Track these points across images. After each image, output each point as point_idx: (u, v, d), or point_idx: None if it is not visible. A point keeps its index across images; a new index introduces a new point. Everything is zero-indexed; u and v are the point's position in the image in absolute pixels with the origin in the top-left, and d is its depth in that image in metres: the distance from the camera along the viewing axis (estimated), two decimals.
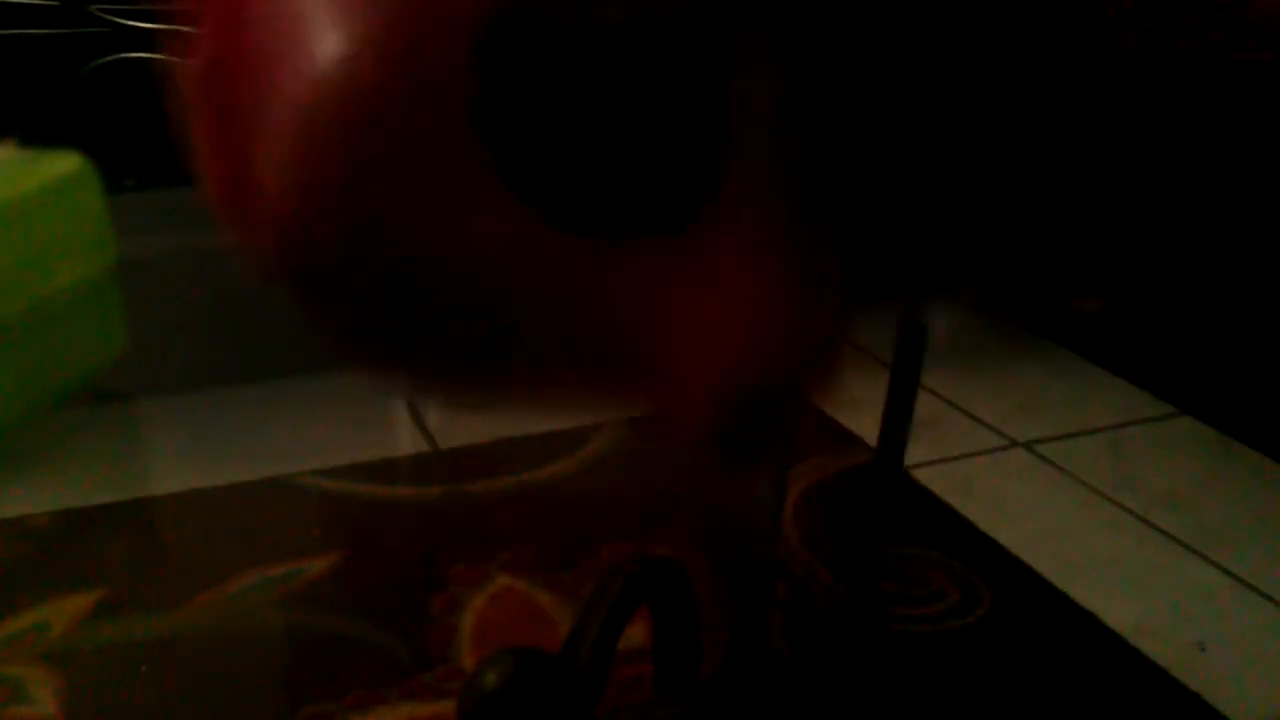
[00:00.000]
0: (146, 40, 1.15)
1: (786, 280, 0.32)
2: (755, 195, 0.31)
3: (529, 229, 0.30)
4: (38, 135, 1.07)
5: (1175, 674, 0.85)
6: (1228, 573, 1.00)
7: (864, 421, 1.21)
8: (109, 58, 1.18)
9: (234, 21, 0.32)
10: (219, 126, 0.33)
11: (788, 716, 0.77)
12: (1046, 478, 1.16)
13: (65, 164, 1.06)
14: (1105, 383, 1.36)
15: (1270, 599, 0.96)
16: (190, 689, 0.78)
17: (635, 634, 0.81)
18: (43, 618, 0.84)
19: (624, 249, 0.31)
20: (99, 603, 0.86)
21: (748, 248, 0.31)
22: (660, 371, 0.32)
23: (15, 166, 1.05)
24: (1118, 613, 0.92)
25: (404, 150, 0.29)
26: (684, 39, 0.29)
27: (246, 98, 0.31)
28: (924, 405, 1.28)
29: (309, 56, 0.29)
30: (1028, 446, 1.21)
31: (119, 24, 1.16)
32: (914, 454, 1.16)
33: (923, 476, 1.13)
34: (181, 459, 1.08)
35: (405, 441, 1.14)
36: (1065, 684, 0.84)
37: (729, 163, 0.30)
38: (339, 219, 0.30)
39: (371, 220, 0.30)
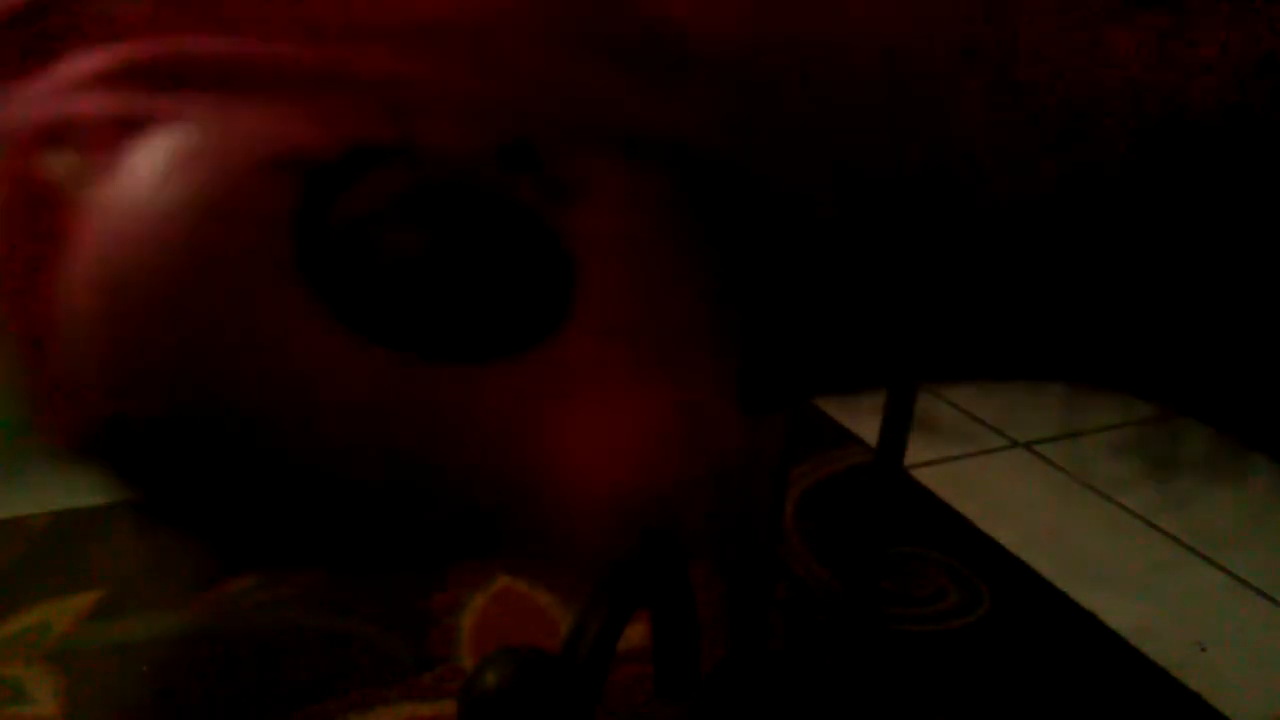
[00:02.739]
0: None
1: (666, 389, 0.33)
2: (611, 311, 0.32)
3: (360, 355, 0.29)
4: None
5: (1175, 674, 0.85)
6: (1228, 573, 1.00)
7: (864, 421, 1.21)
8: None
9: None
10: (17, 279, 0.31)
11: (788, 716, 0.77)
12: (1046, 478, 1.16)
13: None
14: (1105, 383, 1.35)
15: (1270, 599, 0.96)
16: (190, 689, 0.78)
17: (635, 634, 0.81)
18: (43, 618, 0.84)
19: (466, 370, 0.31)
20: (99, 603, 0.86)
21: (612, 359, 0.32)
22: (548, 486, 0.32)
23: None
24: (1118, 613, 0.92)
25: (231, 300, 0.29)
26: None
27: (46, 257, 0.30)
28: (924, 405, 1.28)
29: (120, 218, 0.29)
30: (1028, 446, 1.21)
31: None
32: (914, 454, 1.16)
33: (923, 476, 1.13)
34: None
35: None
36: (1065, 684, 0.84)
37: (579, 284, 0.31)
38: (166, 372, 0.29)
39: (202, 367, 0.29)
